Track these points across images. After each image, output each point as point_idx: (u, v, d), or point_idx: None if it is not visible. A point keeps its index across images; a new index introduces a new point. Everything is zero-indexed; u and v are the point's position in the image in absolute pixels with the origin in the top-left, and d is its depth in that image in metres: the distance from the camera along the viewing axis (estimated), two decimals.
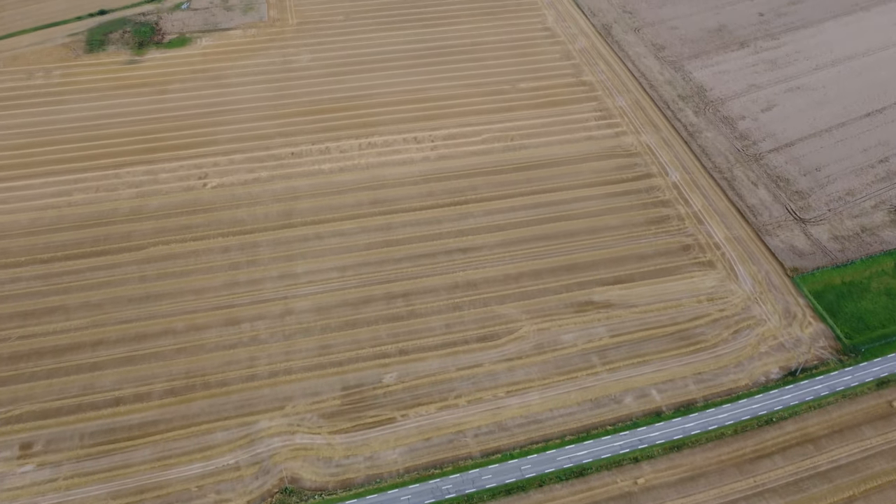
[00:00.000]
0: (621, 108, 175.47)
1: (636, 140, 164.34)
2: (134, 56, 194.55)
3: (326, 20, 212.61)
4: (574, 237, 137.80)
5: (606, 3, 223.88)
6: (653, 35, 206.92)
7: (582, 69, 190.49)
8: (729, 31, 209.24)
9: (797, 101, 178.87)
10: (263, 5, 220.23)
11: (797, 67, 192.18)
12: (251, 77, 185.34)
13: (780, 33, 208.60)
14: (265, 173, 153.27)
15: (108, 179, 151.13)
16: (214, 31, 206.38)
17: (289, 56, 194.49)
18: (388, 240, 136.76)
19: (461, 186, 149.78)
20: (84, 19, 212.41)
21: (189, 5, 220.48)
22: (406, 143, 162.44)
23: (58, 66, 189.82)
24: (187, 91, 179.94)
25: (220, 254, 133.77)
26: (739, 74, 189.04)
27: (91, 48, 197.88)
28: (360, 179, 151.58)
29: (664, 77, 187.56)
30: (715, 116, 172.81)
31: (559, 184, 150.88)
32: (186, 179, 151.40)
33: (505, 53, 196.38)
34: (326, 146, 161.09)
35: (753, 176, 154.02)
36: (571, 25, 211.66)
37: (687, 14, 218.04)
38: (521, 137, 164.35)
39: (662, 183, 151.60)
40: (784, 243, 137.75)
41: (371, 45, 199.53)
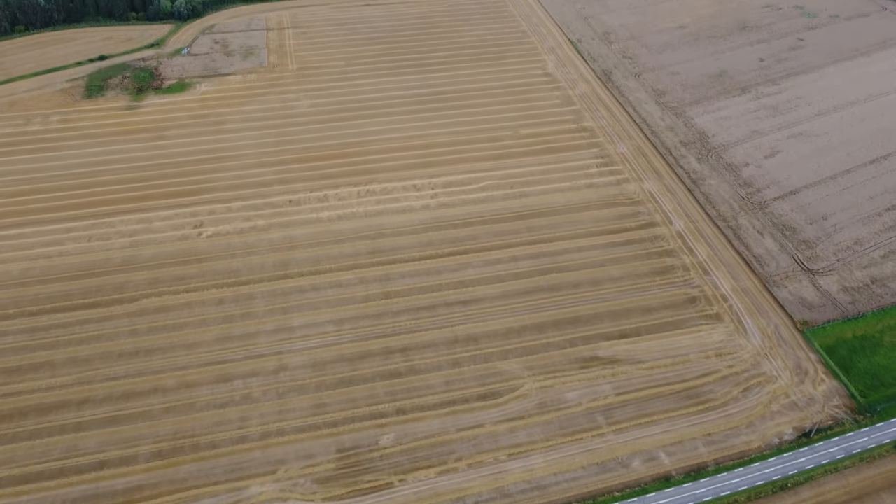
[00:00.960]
0: (623, 154, 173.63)
1: (638, 187, 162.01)
2: (132, 101, 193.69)
3: (327, 65, 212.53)
4: (577, 289, 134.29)
5: (606, 49, 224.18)
6: (653, 81, 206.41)
7: (583, 115, 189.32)
8: (730, 77, 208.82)
9: (801, 147, 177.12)
10: (264, 51, 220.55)
11: (799, 113, 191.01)
12: (250, 123, 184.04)
13: (781, 79, 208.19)
14: (262, 222, 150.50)
15: (102, 228, 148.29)
16: (214, 77, 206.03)
17: (288, 102, 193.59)
18: (386, 291, 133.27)
19: (461, 236, 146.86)
20: (84, 65, 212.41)
21: (189, 51, 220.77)
22: (406, 190, 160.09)
23: (56, 111, 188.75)
24: (185, 137, 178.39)
25: (213, 306, 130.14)
26: (741, 120, 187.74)
27: (90, 94, 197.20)
28: (359, 228, 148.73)
29: (665, 123, 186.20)
30: (718, 163, 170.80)
31: (561, 233, 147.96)
32: (181, 228, 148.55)
33: (505, 99, 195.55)
34: (325, 193, 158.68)
35: (759, 224, 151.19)
36: (572, 71, 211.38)
37: (687, 60, 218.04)
38: (522, 185, 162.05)
39: (666, 232, 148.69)
40: (793, 295, 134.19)
41: (371, 90, 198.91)
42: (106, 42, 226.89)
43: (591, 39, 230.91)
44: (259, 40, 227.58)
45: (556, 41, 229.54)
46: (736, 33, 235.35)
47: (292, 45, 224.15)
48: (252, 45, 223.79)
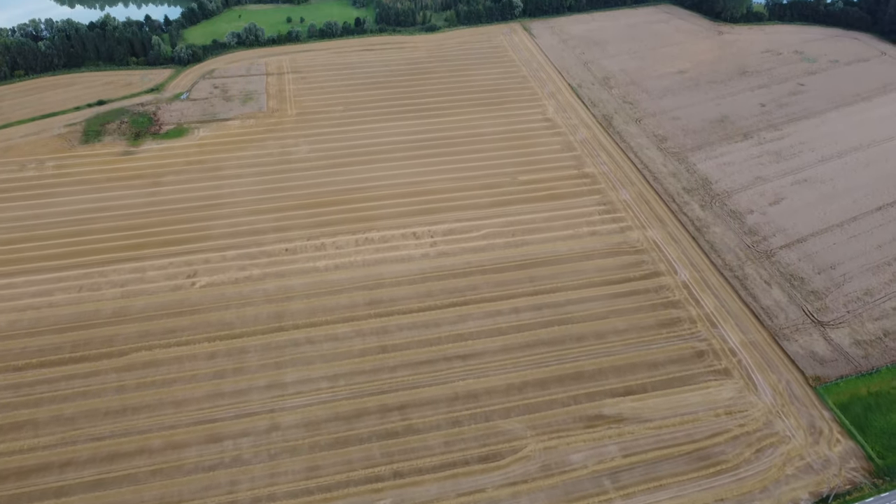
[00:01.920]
0: (625, 201, 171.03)
1: (642, 235, 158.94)
2: (130, 147, 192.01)
3: (325, 111, 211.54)
4: (580, 342, 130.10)
5: (607, 94, 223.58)
6: (654, 126, 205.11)
7: (584, 161, 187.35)
8: (731, 122, 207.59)
9: (805, 194, 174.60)
10: (263, 96, 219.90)
11: (803, 159, 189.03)
12: (247, 169, 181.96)
13: (783, 124, 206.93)
14: (257, 271, 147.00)
15: (93, 278, 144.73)
16: (212, 122, 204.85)
17: (287, 147, 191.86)
18: (383, 345, 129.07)
19: (461, 286, 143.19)
20: (82, 109, 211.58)
21: (188, 95, 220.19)
22: (405, 238, 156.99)
23: (52, 157, 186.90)
24: (181, 183, 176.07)
25: (205, 360, 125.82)
26: (744, 166, 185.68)
27: (87, 139, 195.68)
28: (356, 278, 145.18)
29: (668, 169, 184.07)
30: (722, 210, 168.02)
31: (563, 283, 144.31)
32: (175, 278, 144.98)
33: (505, 145, 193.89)
34: (322, 242, 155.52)
35: (766, 274, 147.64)
36: (572, 116, 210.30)
37: (688, 105, 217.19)
38: (523, 233, 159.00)
39: (671, 282, 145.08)
40: (803, 349, 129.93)
41: (370, 135, 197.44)
42: (105, 87, 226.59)
43: (591, 84, 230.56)
44: (258, 85, 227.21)
45: (557, 86, 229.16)
46: (736, 78, 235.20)
47: (292, 90, 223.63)
48: (251, 90, 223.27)
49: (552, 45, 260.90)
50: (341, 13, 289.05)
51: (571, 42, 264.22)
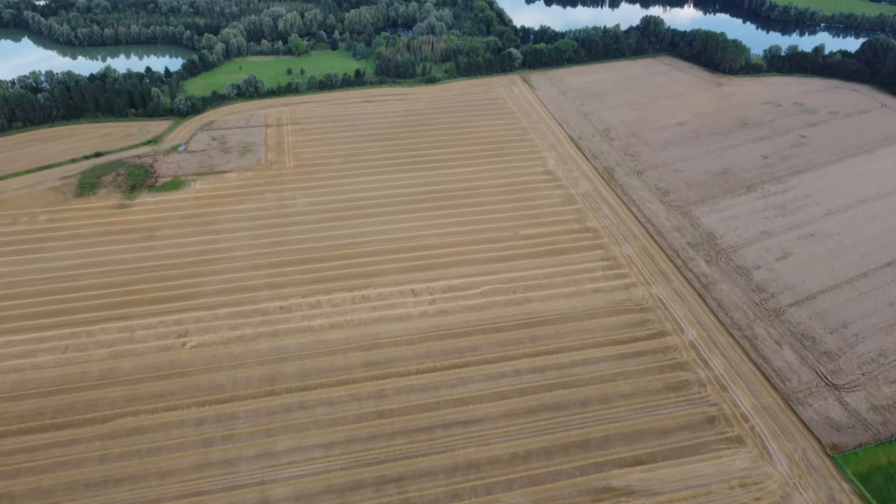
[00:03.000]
0: (629, 256, 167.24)
1: (647, 292, 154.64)
2: (125, 200, 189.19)
3: (324, 163, 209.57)
4: (585, 407, 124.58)
5: (608, 146, 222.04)
6: (656, 178, 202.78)
7: (586, 214, 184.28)
8: (734, 175, 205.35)
9: (812, 248, 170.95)
10: (261, 147, 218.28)
11: (808, 213, 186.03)
12: (243, 223, 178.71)
13: (786, 177, 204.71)
14: (250, 330, 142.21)
15: (81, 338, 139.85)
16: (210, 174, 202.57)
17: (284, 200, 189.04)
18: (380, 410, 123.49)
19: (461, 346, 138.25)
20: (79, 161, 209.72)
21: (186, 147, 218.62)
22: (403, 295, 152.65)
23: (45, 210, 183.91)
24: (175, 238, 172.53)
25: (193, 427, 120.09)
26: (749, 220, 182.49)
27: (82, 191, 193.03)
28: (353, 338, 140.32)
29: (671, 223, 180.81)
30: (728, 266, 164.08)
31: (566, 343, 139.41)
32: (165, 337, 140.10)
33: (505, 198, 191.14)
34: (317, 299, 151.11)
35: (776, 334, 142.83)
36: (573, 168, 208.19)
37: (689, 157, 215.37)
38: (524, 290, 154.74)
39: (678, 342, 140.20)
40: (819, 414, 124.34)
41: (369, 188, 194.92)
42: (103, 138, 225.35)
43: (591, 136, 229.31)
44: (257, 137, 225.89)
45: (557, 138, 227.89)
46: (737, 130, 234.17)
47: (290, 142, 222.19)
48: (250, 142, 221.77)
49: (552, 97, 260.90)
50: (342, 65, 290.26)
51: (571, 94, 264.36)
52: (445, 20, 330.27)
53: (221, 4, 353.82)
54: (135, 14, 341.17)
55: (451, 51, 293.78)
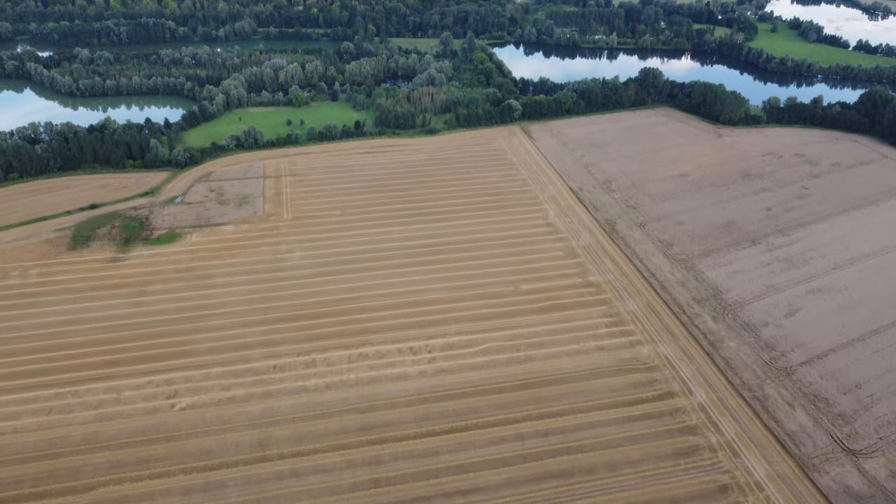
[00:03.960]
0: (633, 312, 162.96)
1: (653, 351, 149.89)
2: (118, 253, 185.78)
3: (322, 215, 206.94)
4: (591, 475, 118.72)
5: (609, 198, 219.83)
6: (659, 231, 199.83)
7: (588, 268, 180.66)
8: (738, 227, 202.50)
9: (821, 304, 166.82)
10: (259, 199, 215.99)
11: (815, 267, 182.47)
12: (238, 277, 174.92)
13: (791, 229, 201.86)
14: (242, 391, 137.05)
15: (66, 399, 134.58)
16: (206, 227, 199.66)
17: (280, 254, 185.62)
18: (376, 478, 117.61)
19: (461, 408, 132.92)
20: (74, 213, 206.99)
21: (183, 199, 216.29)
22: (401, 353, 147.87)
23: (36, 264, 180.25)
24: (168, 293, 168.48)
25: (179, 496, 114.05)
26: (755, 274, 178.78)
27: (75, 244, 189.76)
28: (348, 399, 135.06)
29: (676, 277, 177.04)
30: (735, 322, 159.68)
31: (571, 404, 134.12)
32: (153, 399, 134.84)
33: (506, 251, 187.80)
34: (312, 358, 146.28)
35: (788, 395, 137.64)
36: (574, 220, 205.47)
37: (692, 209, 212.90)
38: (526, 347, 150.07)
39: (687, 404, 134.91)
40: (836, 482, 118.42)
41: (367, 241, 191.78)
42: (100, 190, 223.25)
43: (592, 188, 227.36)
44: (255, 188, 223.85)
45: (557, 189, 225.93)
46: (739, 181, 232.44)
47: (289, 194, 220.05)
48: (248, 194, 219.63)
49: (552, 148, 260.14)
50: (342, 116, 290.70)
51: (571, 144, 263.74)
52: (445, 72, 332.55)
53: (223, 56, 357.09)
54: (137, 65, 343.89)
55: (450, 102, 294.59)
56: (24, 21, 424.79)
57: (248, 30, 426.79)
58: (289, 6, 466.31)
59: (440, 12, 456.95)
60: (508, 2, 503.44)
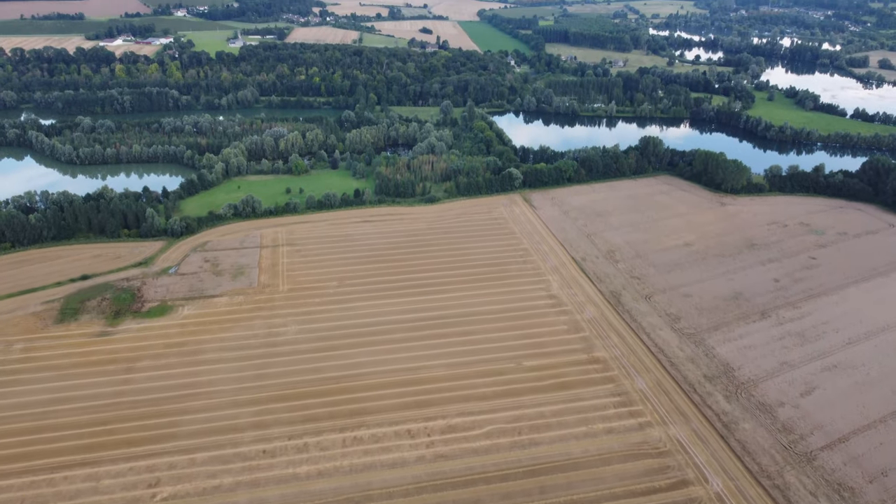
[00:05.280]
0: (642, 391, 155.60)
1: (664, 434, 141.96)
2: (107, 327, 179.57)
3: (319, 286, 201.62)
4: None
5: (613, 268, 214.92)
6: (666, 303, 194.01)
7: (593, 343, 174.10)
8: (746, 299, 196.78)
9: (838, 382, 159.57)
10: (255, 270, 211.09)
11: (829, 341, 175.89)
12: (230, 353, 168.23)
13: (801, 301, 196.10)
14: (229, 479, 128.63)
15: (41, 488, 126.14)
16: (199, 299, 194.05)
17: (274, 328, 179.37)
18: None
19: (462, 498, 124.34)
20: (64, 285, 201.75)
21: (177, 270, 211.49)
22: (398, 437, 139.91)
23: (21, 338, 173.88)
24: (156, 370, 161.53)
25: None
26: (767, 350, 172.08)
27: (63, 317, 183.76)
28: (342, 488, 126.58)
29: (685, 353, 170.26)
30: (749, 402, 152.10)
31: (579, 494, 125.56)
32: (133, 488, 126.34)
33: (509, 325, 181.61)
34: (305, 442, 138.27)
35: (810, 483, 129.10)
36: (578, 292, 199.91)
37: (698, 280, 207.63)
38: (530, 430, 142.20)
39: (703, 494, 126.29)
40: None
41: (364, 314, 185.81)
42: (93, 260, 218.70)
43: (595, 258, 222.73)
44: (252, 258, 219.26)
45: (560, 260, 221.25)
46: (745, 251, 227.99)
47: (285, 264, 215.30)
48: (243, 264, 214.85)
49: (553, 217, 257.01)
50: (341, 184, 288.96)
51: (573, 213, 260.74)
52: (445, 140, 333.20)
53: (225, 124, 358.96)
54: (138, 133, 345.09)
55: (451, 170, 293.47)
56: (30, 90, 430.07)
57: (250, 98, 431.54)
58: (291, 75, 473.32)
59: (440, 81, 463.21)
60: (508, 71, 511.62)
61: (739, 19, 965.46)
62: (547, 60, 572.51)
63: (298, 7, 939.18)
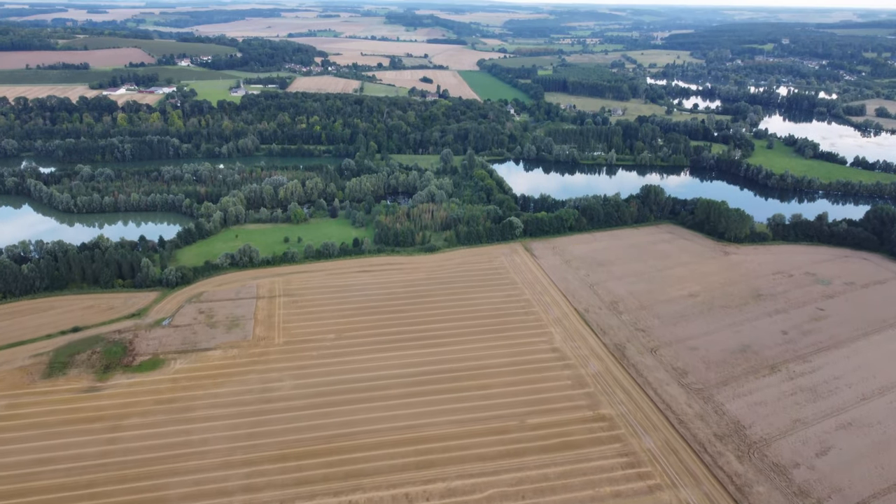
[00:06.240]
0: (650, 451, 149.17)
1: (674, 497, 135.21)
2: (96, 382, 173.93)
3: (315, 339, 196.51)
4: None
5: (616, 320, 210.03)
6: (672, 357, 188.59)
7: (598, 399, 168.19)
8: (754, 352, 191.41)
9: (855, 441, 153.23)
10: (250, 322, 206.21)
11: (842, 397, 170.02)
12: (222, 409, 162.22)
13: (811, 355, 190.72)
14: None
15: None
16: (192, 352, 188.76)
17: (269, 383, 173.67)
18: None
19: None
20: (54, 337, 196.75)
21: (170, 321, 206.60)
22: (395, 501, 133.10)
23: (6, 394, 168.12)
24: (145, 427, 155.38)
25: None
26: (779, 406, 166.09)
27: (51, 372, 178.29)
28: None
29: (693, 410, 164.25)
30: (763, 463, 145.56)
31: None
32: None
33: (510, 380, 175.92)
34: None
35: None
36: (581, 345, 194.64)
37: (704, 332, 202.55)
38: (534, 493, 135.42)
39: None
40: None
41: (362, 368, 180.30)
42: (85, 311, 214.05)
43: (598, 309, 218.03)
44: (247, 309, 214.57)
45: (562, 311, 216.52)
46: (751, 302, 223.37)
47: (281, 316, 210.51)
48: (239, 316, 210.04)
49: (555, 266, 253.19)
50: (340, 233, 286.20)
51: (575, 263, 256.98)
52: (446, 188, 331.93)
53: (224, 173, 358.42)
54: (137, 182, 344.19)
55: (451, 219, 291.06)
56: (31, 138, 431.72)
57: (251, 146, 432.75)
58: (292, 124, 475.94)
59: (441, 130, 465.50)
60: (507, 119, 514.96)
61: (735, 69, 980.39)
62: (546, 109, 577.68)
63: (301, 57, 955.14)
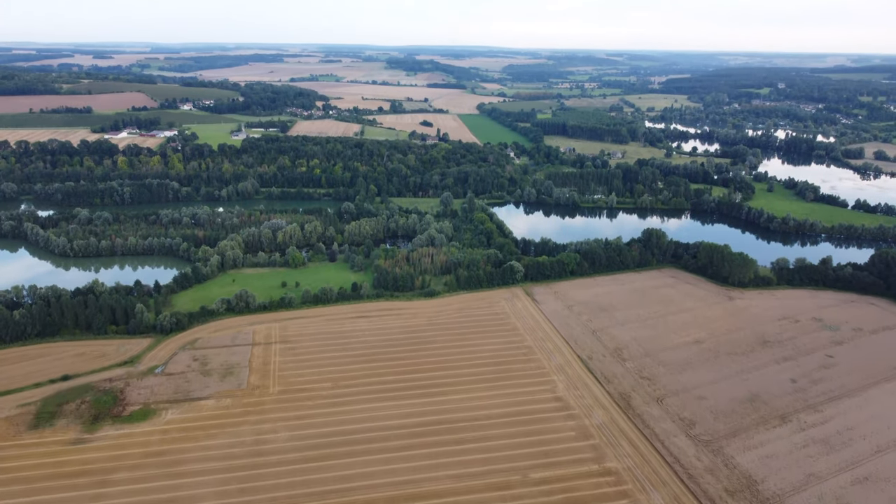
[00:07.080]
0: None
1: None
2: (83, 433, 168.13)
3: (312, 387, 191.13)
4: None
5: (621, 368, 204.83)
6: (678, 407, 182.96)
7: (604, 452, 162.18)
8: (763, 402, 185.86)
9: (871, 497, 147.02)
10: (245, 370, 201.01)
11: (856, 450, 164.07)
12: (213, 463, 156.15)
13: (822, 404, 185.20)
14: None
15: None
16: (184, 402, 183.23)
17: (263, 434, 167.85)
18: None
19: None
20: (43, 386, 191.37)
21: (163, 369, 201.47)
22: None
23: None
24: (132, 483, 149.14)
25: None
26: (791, 459, 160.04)
27: (38, 423, 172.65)
28: None
29: (703, 464, 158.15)
30: None
31: None
32: None
33: (512, 430, 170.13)
34: None
35: None
36: (585, 394, 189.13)
37: (711, 381, 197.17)
38: None
39: None
40: None
41: (359, 419, 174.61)
42: (76, 359, 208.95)
43: (602, 356, 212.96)
44: (242, 357, 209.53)
45: (565, 358, 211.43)
46: (758, 349, 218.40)
47: (277, 363, 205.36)
48: (233, 363, 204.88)
49: (557, 312, 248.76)
50: (339, 277, 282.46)
51: (577, 308, 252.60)
52: (446, 232, 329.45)
53: (223, 216, 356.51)
54: (135, 225, 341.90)
55: (451, 263, 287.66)
56: (31, 181, 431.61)
57: (250, 190, 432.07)
58: (292, 167, 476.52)
59: (441, 173, 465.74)
60: (507, 163, 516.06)
61: (733, 112, 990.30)
62: (546, 152, 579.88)
63: (302, 101, 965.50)
